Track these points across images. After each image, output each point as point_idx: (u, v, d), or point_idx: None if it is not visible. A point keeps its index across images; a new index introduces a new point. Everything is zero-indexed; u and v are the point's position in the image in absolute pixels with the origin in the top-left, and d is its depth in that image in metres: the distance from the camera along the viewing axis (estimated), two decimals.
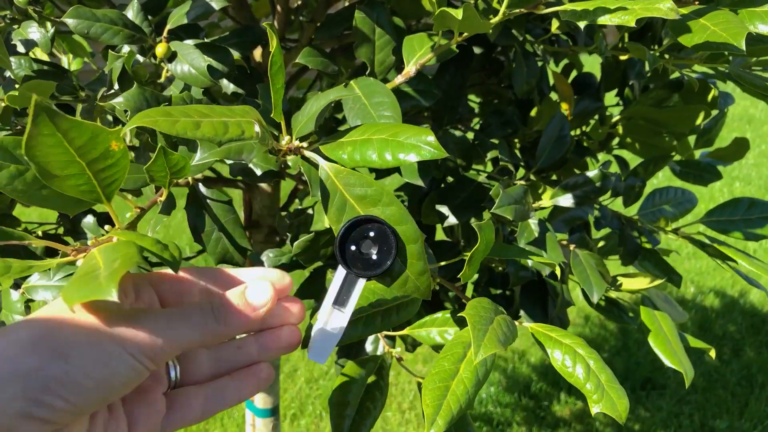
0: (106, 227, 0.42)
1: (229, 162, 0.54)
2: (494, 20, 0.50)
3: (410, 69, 0.57)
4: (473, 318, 0.40)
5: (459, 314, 0.42)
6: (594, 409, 0.39)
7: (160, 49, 0.61)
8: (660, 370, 2.06)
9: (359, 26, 0.61)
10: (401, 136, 0.42)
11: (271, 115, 0.42)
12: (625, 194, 0.89)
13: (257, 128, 0.37)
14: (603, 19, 0.44)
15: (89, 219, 0.77)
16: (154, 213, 0.60)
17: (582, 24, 0.44)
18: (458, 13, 0.44)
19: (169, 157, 0.36)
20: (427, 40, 0.58)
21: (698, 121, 0.83)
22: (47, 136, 0.30)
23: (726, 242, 0.71)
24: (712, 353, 0.62)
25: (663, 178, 3.30)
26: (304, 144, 0.45)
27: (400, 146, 0.41)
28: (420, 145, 0.41)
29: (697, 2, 0.57)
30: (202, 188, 0.64)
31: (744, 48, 0.48)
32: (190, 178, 0.60)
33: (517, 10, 0.51)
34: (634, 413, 1.90)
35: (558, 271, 0.47)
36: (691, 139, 0.95)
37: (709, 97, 0.84)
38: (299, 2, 0.85)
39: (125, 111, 0.52)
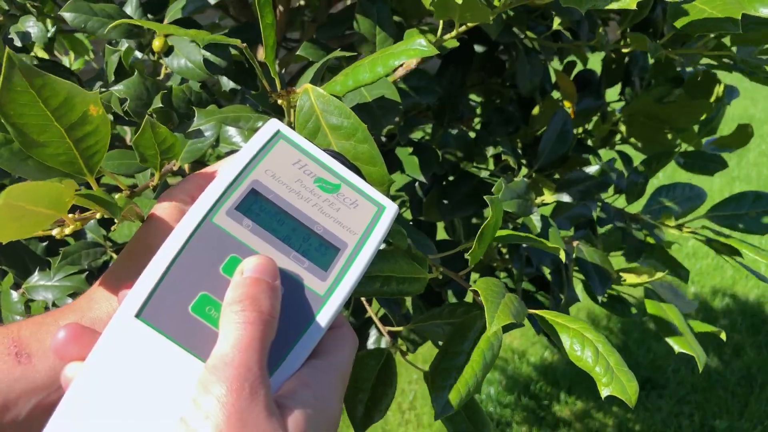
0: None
1: (226, 150, 0.53)
2: (494, 11, 0.50)
3: (411, 61, 0.57)
4: (485, 292, 0.39)
5: (471, 288, 0.42)
6: (604, 392, 0.39)
7: (157, 43, 0.61)
8: (660, 370, 2.05)
9: (360, 21, 0.61)
10: (391, 48, 0.41)
11: (263, 58, 0.41)
12: (628, 191, 0.88)
13: (243, 44, 0.38)
14: (603, 3, 0.43)
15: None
16: (149, 202, 0.60)
17: (583, 10, 0.44)
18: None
19: (156, 131, 0.36)
20: (429, 34, 0.57)
21: (702, 117, 0.82)
22: (20, 93, 0.30)
23: (731, 236, 0.71)
24: (723, 335, 0.62)
25: (662, 178, 3.29)
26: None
27: (390, 56, 0.41)
28: (410, 48, 0.40)
29: None
30: None
31: (740, 28, 0.48)
32: (186, 167, 0.59)
33: (517, 2, 0.50)
34: (634, 413, 1.90)
35: (563, 256, 0.46)
36: (694, 128, 0.94)
37: (715, 91, 0.83)
38: (301, 2, 0.85)
39: (122, 102, 0.51)
